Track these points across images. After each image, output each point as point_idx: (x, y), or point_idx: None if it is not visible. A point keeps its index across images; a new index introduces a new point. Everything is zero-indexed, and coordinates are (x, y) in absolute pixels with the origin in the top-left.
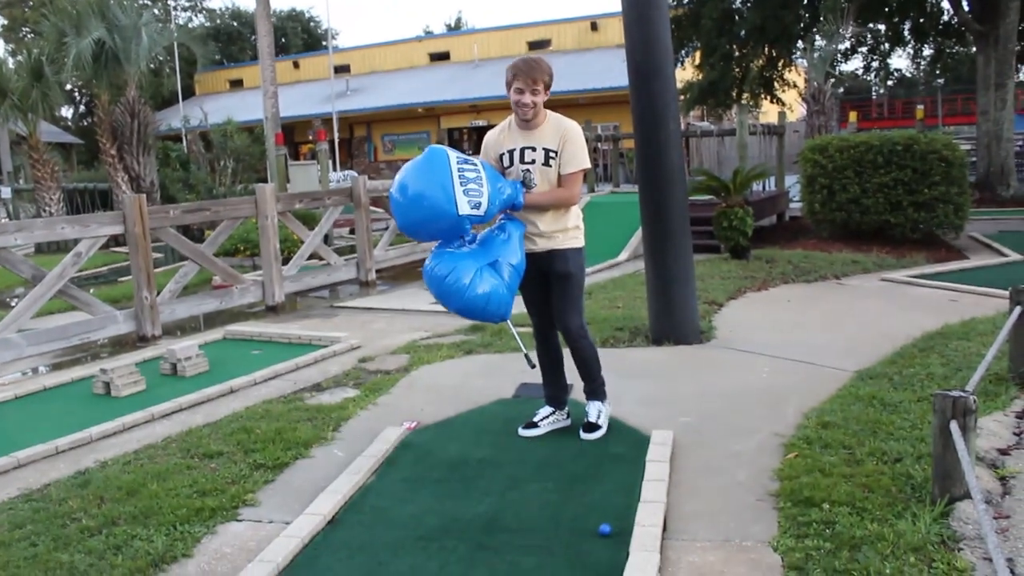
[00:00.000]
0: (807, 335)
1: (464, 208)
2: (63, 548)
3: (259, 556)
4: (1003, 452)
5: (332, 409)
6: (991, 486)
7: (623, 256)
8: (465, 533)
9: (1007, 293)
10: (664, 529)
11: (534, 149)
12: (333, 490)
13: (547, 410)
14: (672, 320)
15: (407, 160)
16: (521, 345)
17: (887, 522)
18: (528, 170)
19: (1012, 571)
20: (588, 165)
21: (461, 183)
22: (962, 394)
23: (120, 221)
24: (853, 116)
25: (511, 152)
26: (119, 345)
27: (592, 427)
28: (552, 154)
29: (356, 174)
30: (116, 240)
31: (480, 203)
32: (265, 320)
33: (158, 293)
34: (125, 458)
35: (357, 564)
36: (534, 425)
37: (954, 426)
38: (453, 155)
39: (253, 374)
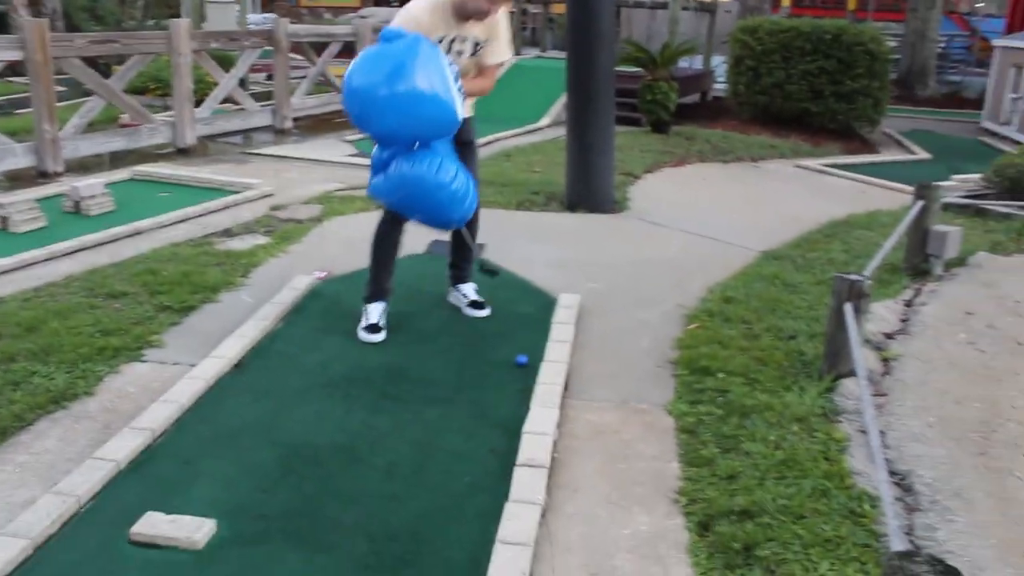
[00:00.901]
0: (718, 213)
1: (460, 111)
2: None
3: (163, 396)
4: (888, 336)
5: (241, 255)
6: (875, 366)
7: (544, 121)
8: (370, 382)
9: (912, 189)
10: (565, 388)
11: (464, 40)
12: (240, 334)
13: (381, 307)
14: (588, 187)
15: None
16: (477, 250)
17: (776, 394)
18: (453, 62)
19: (883, 442)
20: (511, 56)
21: (455, 82)
22: (859, 278)
23: (19, 47)
24: (787, 1)
25: (441, 39)
26: (17, 180)
27: (479, 304)
28: (479, 46)
29: (277, 17)
30: (13, 70)
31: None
32: (175, 162)
33: (60, 128)
34: (24, 295)
35: (262, 408)
36: (377, 329)
37: (848, 308)
38: (437, 48)
39: (161, 216)
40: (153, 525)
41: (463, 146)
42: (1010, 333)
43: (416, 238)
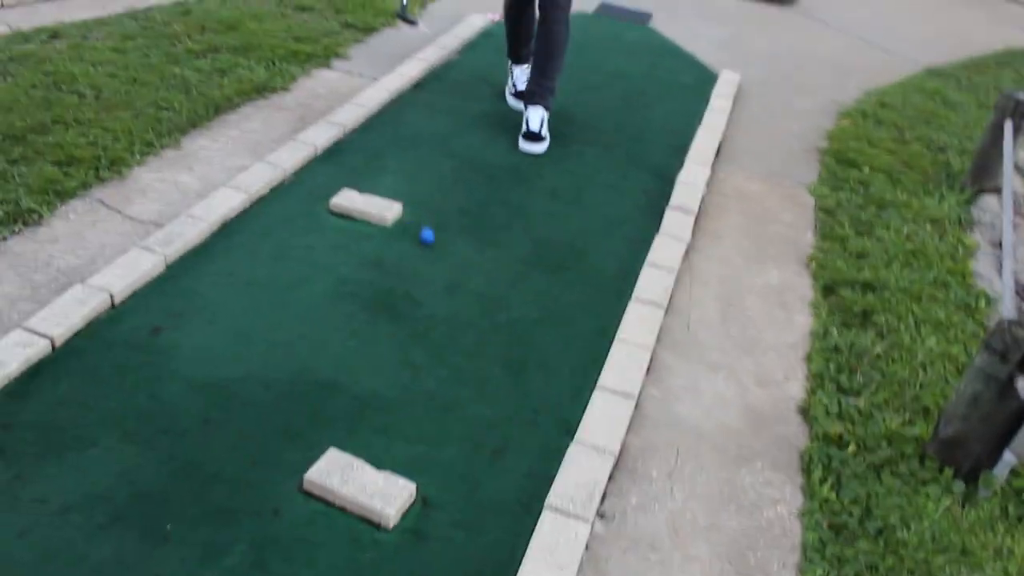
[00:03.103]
0: (890, 22)
1: None
2: (174, 63)
3: (352, 99)
4: None
5: None
6: (1020, 190)
7: None
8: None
9: None
10: (717, 154)
11: None
12: (421, 58)
13: (524, 71)
14: None
15: None
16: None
17: (916, 195)
18: None
19: (1015, 255)
20: None
21: None
22: None
23: None
24: None
25: None
26: None
27: (535, 137)
28: None
29: None
30: None
31: None
32: None
33: None
34: None
35: (440, 123)
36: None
37: (1008, 124)
38: None
39: None
40: (350, 199)
41: None
42: None
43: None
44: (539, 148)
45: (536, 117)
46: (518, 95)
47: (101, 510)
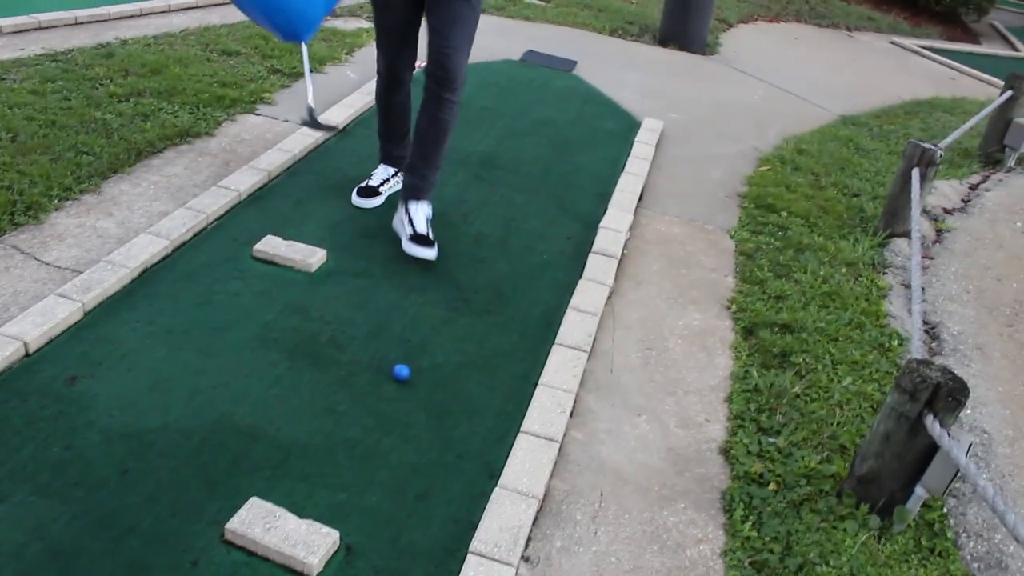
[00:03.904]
0: (805, 73)
1: None
2: (95, 107)
3: (277, 146)
4: (947, 211)
5: (346, 35)
6: (929, 233)
7: None
8: (465, 163)
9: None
10: (640, 199)
11: None
12: (346, 104)
13: (386, 171)
14: (683, 26)
15: None
16: (309, 84)
17: (832, 238)
18: None
19: (922, 296)
20: None
21: None
22: (931, 147)
23: None
24: None
25: None
26: None
27: (426, 240)
28: None
29: None
30: None
31: None
32: None
33: None
34: (145, 40)
35: (365, 169)
36: (374, 192)
37: (915, 172)
38: None
39: None
40: (273, 246)
41: None
42: None
43: (513, 44)
44: (433, 252)
45: (423, 216)
46: (367, 191)
47: (10, 568)
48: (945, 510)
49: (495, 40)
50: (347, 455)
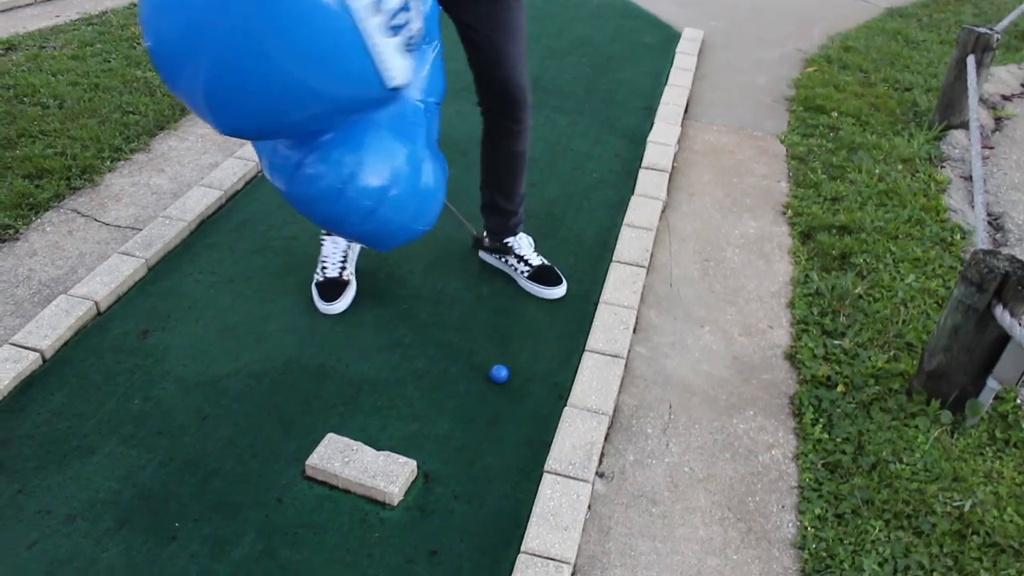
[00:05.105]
0: None
1: (400, 70)
2: (136, 66)
3: None
4: (1006, 98)
5: None
6: (987, 122)
7: None
8: None
9: None
10: (686, 111)
11: None
12: None
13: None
14: None
15: None
16: (463, 219)
17: (885, 135)
18: None
19: (984, 186)
20: None
21: (386, 25)
22: (987, 31)
23: None
24: None
25: None
26: None
27: (552, 275)
28: None
29: None
30: None
31: (412, 35)
32: None
33: None
34: None
35: None
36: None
37: (971, 60)
38: None
39: None
40: None
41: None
42: None
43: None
44: (561, 290)
45: (529, 246)
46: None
47: (107, 515)
48: (1019, 401)
49: None
50: (416, 386)
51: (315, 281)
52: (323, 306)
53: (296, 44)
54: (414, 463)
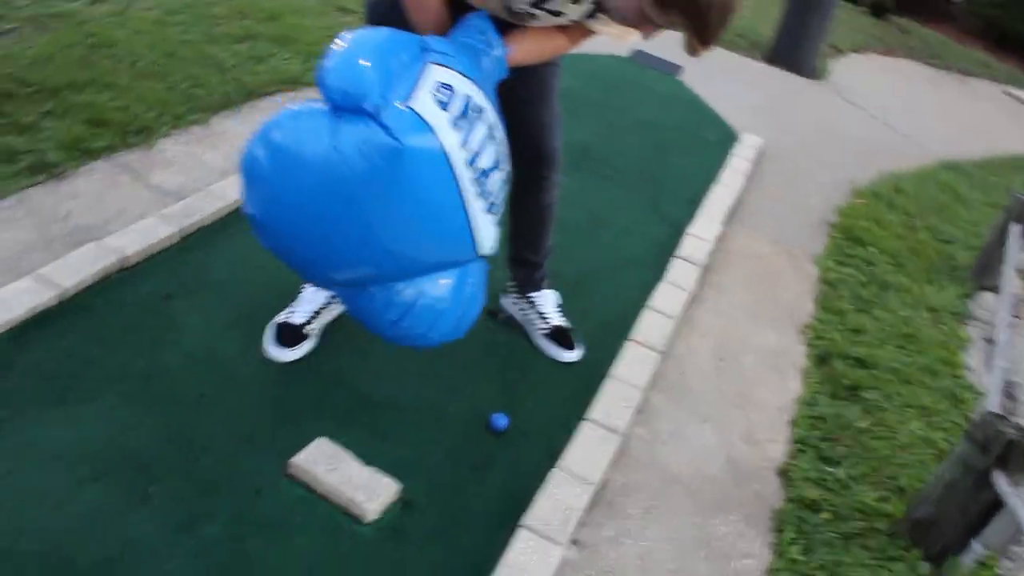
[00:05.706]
0: (912, 112)
1: (490, 240)
2: (213, 43)
3: None
4: None
5: None
6: (1020, 292)
7: None
8: (565, 151)
9: None
10: (731, 213)
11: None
12: None
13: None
14: (796, 45)
15: None
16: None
17: (918, 281)
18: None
19: (1006, 354)
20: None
21: (479, 192)
22: None
23: None
24: None
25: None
26: None
27: (566, 337)
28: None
29: None
30: None
31: (495, 201)
32: None
33: None
34: None
35: None
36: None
37: (1014, 227)
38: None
39: None
40: None
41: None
42: None
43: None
44: (575, 355)
45: (553, 303)
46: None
47: (88, 463)
48: (1000, 573)
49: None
50: (417, 414)
51: (276, 320)
52: (273, 349)
53: (409, 230)
54: (399, 486)
